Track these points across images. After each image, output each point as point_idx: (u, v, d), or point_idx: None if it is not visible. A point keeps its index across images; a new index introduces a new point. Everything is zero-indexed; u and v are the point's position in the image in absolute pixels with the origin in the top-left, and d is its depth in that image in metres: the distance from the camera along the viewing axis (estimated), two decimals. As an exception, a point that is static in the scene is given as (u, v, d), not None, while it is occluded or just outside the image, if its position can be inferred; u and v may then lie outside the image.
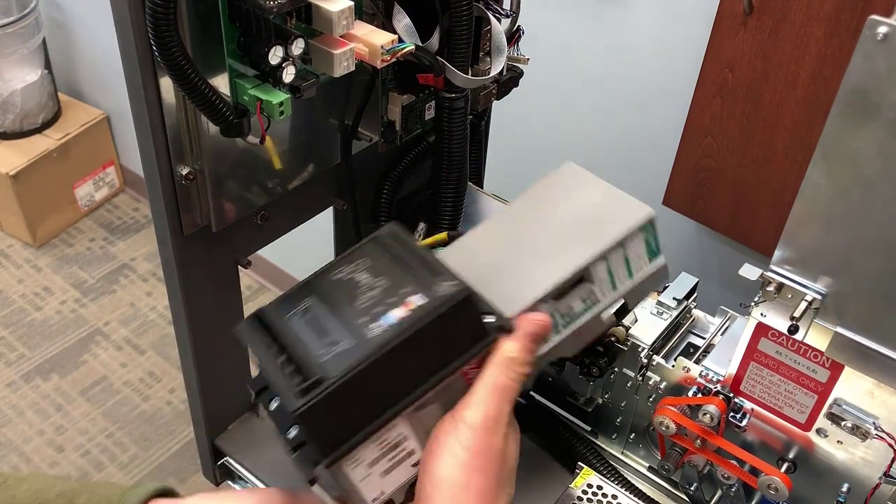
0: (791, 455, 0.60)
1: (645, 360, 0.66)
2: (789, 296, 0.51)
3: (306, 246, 1.16)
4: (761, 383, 0.58)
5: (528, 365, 0.46)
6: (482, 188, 0.81)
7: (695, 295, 0.71)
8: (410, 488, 0.47)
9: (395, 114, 0.66)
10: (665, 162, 1.31)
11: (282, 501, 0.47)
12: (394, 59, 0.53)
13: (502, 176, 0.95)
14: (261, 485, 0.69)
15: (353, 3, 0.49)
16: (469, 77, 0.58)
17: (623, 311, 0.53)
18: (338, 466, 0.42)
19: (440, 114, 0.61)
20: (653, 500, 0.67)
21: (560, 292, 0.50)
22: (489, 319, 0.44)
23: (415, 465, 0.45)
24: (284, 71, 0.49)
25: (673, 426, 0.62)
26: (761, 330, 0.55)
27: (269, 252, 1.13)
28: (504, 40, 0.63)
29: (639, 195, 0.51)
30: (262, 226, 0.62)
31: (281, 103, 0.49)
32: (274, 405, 0.43)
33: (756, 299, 0.54)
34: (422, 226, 0.71)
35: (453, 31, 0.56)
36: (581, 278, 0.50)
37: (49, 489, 0.63)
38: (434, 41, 0.57)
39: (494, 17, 0.62)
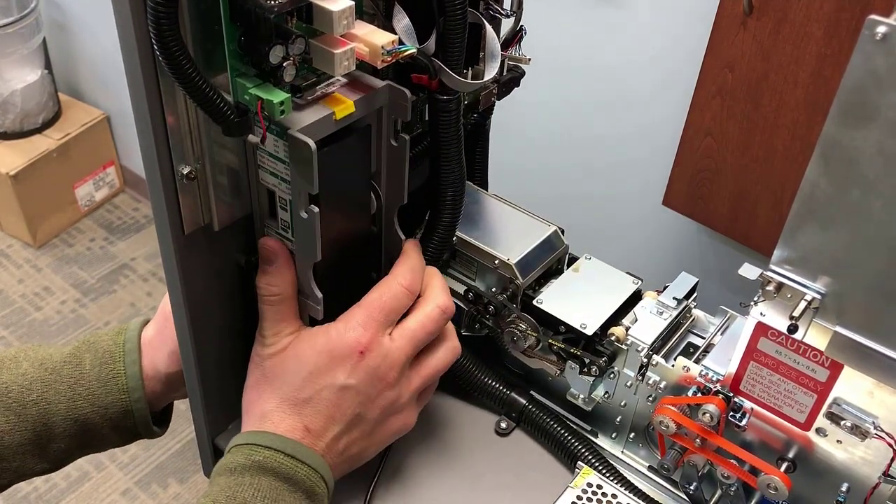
0: (790, 454, 0.60)
1: (645, 360, 0.66)
2: (789, 295, 0.52)
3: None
4: (761, 383, 0.58)
5: (277, 284, 0.58)
6: (486, 188, 0.81)
7: (695, 295, 0.71)
8: None
9: (397, 113, 0.66)
10: (665, 162, 1.31)
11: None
12: (394, 61, 0.53)
13: (502, 176, 0.95)
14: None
15: (353, 2, 0.49)
16: (463, 80, 0.58)
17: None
18: None
19: (433, 116, 0.61)
20: (652, 499, 0.67)
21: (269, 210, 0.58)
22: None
23: None
24: (285, 70, 0.49)
25: (673, 425, 0.62)
26: (761, 329, 0.56)
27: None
28: (497, 46, 0.62)
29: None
30: (262, 225, 0.62)
31: (281, 102, 0.49)
32: None
33: (756, 299, 0.54)
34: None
35: (447, 35, 0.55)
36: (268, 191, 0.57)
37: (49, 358, 0.64)
38: (431, 43, 0.57)
39: (496, 16, 0.62)
